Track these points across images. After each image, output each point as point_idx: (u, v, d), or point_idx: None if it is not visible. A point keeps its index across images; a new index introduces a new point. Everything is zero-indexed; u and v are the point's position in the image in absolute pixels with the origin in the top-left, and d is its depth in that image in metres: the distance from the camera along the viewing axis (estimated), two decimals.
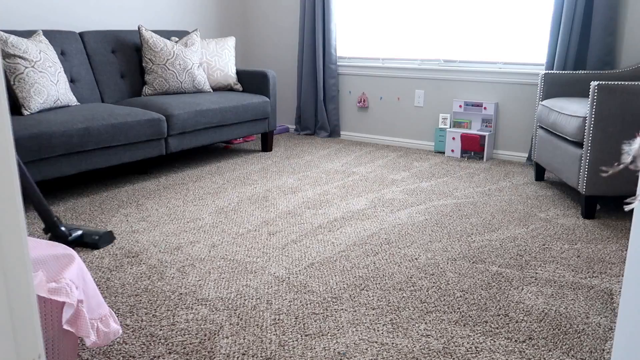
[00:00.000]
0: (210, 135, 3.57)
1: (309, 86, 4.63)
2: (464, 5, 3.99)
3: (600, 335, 1.62)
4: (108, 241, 2.28)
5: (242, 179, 3.34)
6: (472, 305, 1.79)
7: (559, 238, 2.40)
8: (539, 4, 3.72)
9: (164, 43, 3.66)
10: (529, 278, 2.00)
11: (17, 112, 2.82)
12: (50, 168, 2.67)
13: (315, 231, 2.46)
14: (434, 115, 4.24)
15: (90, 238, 2.23)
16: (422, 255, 2.20)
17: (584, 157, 2.60)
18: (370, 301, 1.81)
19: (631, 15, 3.41)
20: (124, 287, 1.90)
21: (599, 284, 1.96)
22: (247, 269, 2.05)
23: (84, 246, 2.24)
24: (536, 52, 3.79)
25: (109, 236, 2.28)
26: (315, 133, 4.75)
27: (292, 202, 2.88)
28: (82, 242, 2.24)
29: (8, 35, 2.81)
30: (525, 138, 3.89)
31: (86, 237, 2.24)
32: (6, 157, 0.45)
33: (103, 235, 2.25)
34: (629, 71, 3.25)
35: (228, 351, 1.52)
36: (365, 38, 4.46)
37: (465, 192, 3.10)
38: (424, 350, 1.53)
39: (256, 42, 5.03)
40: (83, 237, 2.24)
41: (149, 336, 1.59)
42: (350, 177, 3.41)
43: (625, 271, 0.78)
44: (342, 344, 1.55)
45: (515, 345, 1.56)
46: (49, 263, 1.25)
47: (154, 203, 2.84)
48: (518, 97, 3.88)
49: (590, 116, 2.54)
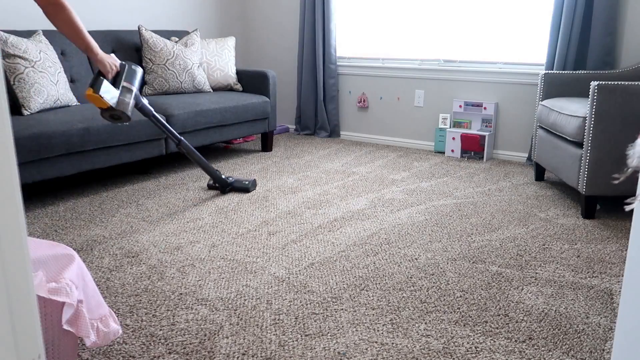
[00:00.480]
0: (210, 135, 3.57)
1: (309, 86, 4.63)
2: (463, 5, 3.99)
3: (600, 335, 1.62)
4: (255, 186, 3.06)
5: None
6: (472, 305, 1.79)
7: (559, 238, 2.40)
8: (539, 4, 3.72)
9: (164, 43, 3.66)
10: (529, 278, 2.00)
11: (17, 112, 2.82)
12: (50, 168, 2.67)
13: (315, 231, 2.46)
14: (434, 115, 4.25)
15: (242, 184, 3.00)
16: (422, 255, 2.20)
17: (584, 157, 2.60)
18: (370, 301, 1.81)
19: (631, 15, 3.41)
20: (124, 287, 1.90)
21: (599, 284, 1.96)
22: (247, 269, 2.05)
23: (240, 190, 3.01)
24: (536, 52, 3.79)
25: (255, 183, 3.06)
26: (315, 133, 4.75)
27: (292, 202, 2.88)
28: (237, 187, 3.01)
29: (8, 35, 2.81)
30: (525, 138, 3.89)
31: (238, 182, 3.01)
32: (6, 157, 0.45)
33: (252, 182, 3.03)
34: (629, 71, 3.25)
35: (228, 351, 1.52)
36: (365, 38, 4.46)
37: (465, 192, 3.10)
38: (424, 350, 1.53)
39: (256, 42, 5.03)
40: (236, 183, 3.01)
41: (149, 336, 1.59)
42: (350, 177, 3.41)
43: (625, 271, 0.78)
44: (342, 344, 1.55)
45: (515, 345, 1.56)
46: (49, 263, 1.25)
47: (154, 203, 2.84)
48: (518, 97, 3.88)
49: (590, 116, 2.54)
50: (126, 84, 2.39)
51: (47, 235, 2.36)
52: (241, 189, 3.01)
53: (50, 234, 2.38)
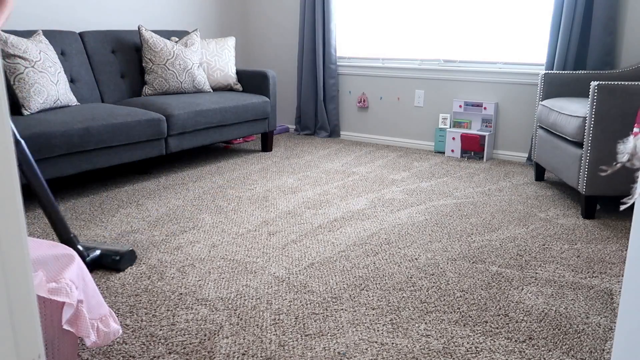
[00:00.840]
0: (210, 135, 3.57)
1: (309, 86, 4.63)
2: (463, 5, 3.99)
3: (600, 335, 1.62)
4: (130, 261, 2.05)
5: (242, 179, 3.34)
6: (472, 305, 1.79)
7: (559, 238, 2.40)
8: (539, 4, 3.72)
9: (164, 43, 3.66)
10: (529, 278, 2.00)
11: (17, 112, 2.82)
12: (50, 168, 2.67)
13: (315, 231, 2.46)
14: (434, 115, 4.24)
15: (110, 259, 2.00)
16: (422, 255, 2.20)
17: (584, 157, 2.60)
18: (370, 301, 1.81)
19: (631, 15, 3.41)
20: (124, 287, 1.90)
21: (599, 284, 1.96)
22: (247, 269, 2.05)
23: (104, 268, 2.02)
24: (536, 52, 3.79)
25: (131, 255, 2.05)
26: (315, 133, 4.75)
27: (292, 202, 2.88)
28: (101, 264, 2.02)
29: (8, 35, 2.81)
30: (525, 138, 3.89)
31: (105, 257, 2.01)
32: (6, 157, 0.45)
33: (125, 255, 2.02)
34: (629, 71, 3.25)
35: (228, 351, 1.52)
36: (365, 38, 4.46)
37: (465, 192, 3.10)
38: (424, 350, 1.53)
39: (256, 42, 5.03)
40: (102, 257, 2.02)
41: (149, 336, 1.59)
42: (350, 177, 3.41)
43: (625, 271, 0.78)
44: (342, 344, 1.55)
45: (515, 345, 1.56)
46: (49, 263, 1.25)
47: (154, 203, 2.84)
48: (518, 97, 3.88)
49: (590, 116, 2.54)
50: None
51: (47, 235, 2.36)
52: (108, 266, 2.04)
53: (50, 234, 2.38)
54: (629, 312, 0.78)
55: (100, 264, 2.00)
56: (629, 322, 0.77)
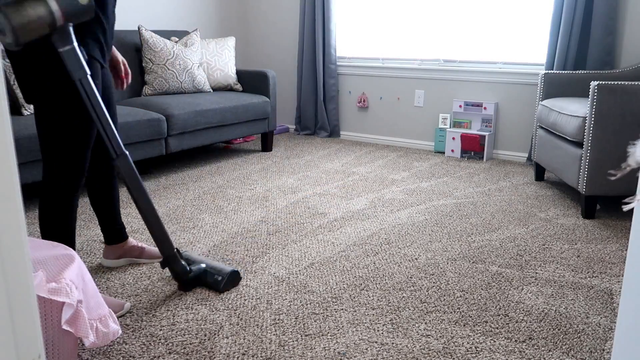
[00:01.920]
0: (210, 135, 3.57)
1: (309, 86, 4.63)
2: (463, 5, 3.99)
3: (600, 335, 1.62)
4: (233, 283, 1.90)
5: (242, 179, 3.34)
6: (472, 305, 1.79)
7: (559, 238, 2.40)
8: (539, 4, 3.72)
9: (164, 43, 3.66)
10: (529, 278, 2.00)
11: (17, 112, 2.82)
12: None
13: (315, 231, 2.46)
14: (434, 115, 4.24)
15: (213, 277, 1.88)
16: (422, 255, 2.20)
17: (584, 157, 2.60)
18: (370, 301, 1.81)
19: (631, 15, 3.41)
20: (124, 287, 1.90)
21: (599, 284, 1.96)
22: (247, 269, 2.05)
23: (206, 286, 1.91)
24: (536, 52, 3.79)
25: (234, 276, 1.91)
26: (315, 133, 4.75)
27: (292, 202, 2.88)
28: (203, 282, 1.90)
29: None
30: (525, 138, 3.89)
31: (209, 275, 1.89)
32: (6, 157, 0.45)
33: (229, 275, 1.88)
34: (629, 71, 3.25)
35: (228, 351, 1.52)
36: (365, 38, 4.46)
37: (465, 192, 3.10)
38: (424, 350, 1.53)
39: (256, 42, 5.03)
40: (205, 274, 1.90)
41: (149, 336, 1.59)
42: (350, 177, 3.41)
43: (625, 271, 0.78)
44: (342, 344, 1.55)
45: (515, 345, 1.56)
46: (49, 263, 1.25)
47: (154, 203, 2.83)
48: (518, 97, 3.88)
49: (590, 116, 2.54)
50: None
51: None
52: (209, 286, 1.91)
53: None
54: (629, 312, 0.78)
55: (202, 281, 1.90)
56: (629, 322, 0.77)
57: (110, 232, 2.02)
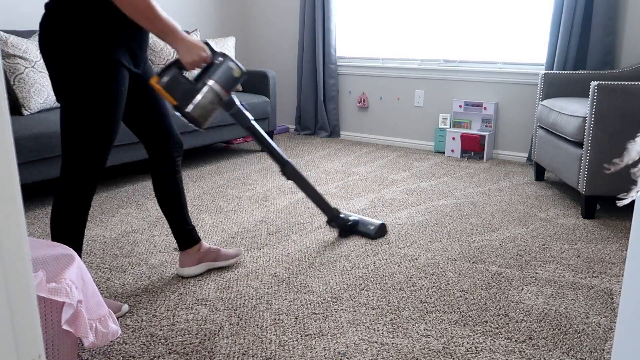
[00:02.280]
0: (210, 135, 3.57)
1: (309, 86, 4.63)
2: (463, 5, 3.99)
3: (600, 335, 1.62)
4: (382, 232, 2.37)
5: (242, 179, 3.34)
6: (472, 305, 1.79)
7: (559, 238, 2.40)
8: (539, 4, 3.72)
9: (164, 43, 3.66)
10: (529, 278, 2.00)
11: (17, 112, 2.82)
12: (50, 168, 2.67)
13: (316, 231, 2.46)
14: (434, 115, 4.25)
15: (365, 227, 2.35)
16: (422, 255, 2.20)
17: (584, 157, 2.60)
18: (370, 301, 1.81)
19: (631, 15, 3.41)
20: (124, 287, 1.90)
21: (599, 284, 1.96)
22: (247, 269, 2.05)
23: (360, 234, 2.36)
24: (536, 52, 3.79)
25: (383, 228, 2.37)
26: (315, 133, 4.75)
27: (292, 202, 2.88)
28: (357, 230, 2.36)
29: (8, 35, 2.81)
30: (525, 138, 3.89)
31: (362, 226, 2.36)
32: (6, 157, 0.45)
33: (379, 226, 2.35)
34: (629, 71, 3.25)
35: (228, 351, 1.52)
36: (365, 38, 4.46)
37: (465, 192, 3.10)
38: (424, 350, 1.53)
39: (256, 42, 5.03)
40: (358, 225, 2.36)
41: (149, 336, 1.59)
42: (350, 177, 3.41)
43: (625, 271, 0.78)
44: (342, 344, 1.55)
45: (515, 345, 1.56)
46: (49, 263, 1.25)
47: (154, 203, 2.83)
48: (518, 97, 3.88)
49: (590, 116, 2.54)
50: (212, 82, 1.81)
51: (47, 235, 2.36)
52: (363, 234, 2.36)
53: (50, 234, 2.38)
54: (629, 312, 0.78)
55: (357, 230, 2.36)
56: (629, 322, 0.77)
57: (183, 235, 1.95)
